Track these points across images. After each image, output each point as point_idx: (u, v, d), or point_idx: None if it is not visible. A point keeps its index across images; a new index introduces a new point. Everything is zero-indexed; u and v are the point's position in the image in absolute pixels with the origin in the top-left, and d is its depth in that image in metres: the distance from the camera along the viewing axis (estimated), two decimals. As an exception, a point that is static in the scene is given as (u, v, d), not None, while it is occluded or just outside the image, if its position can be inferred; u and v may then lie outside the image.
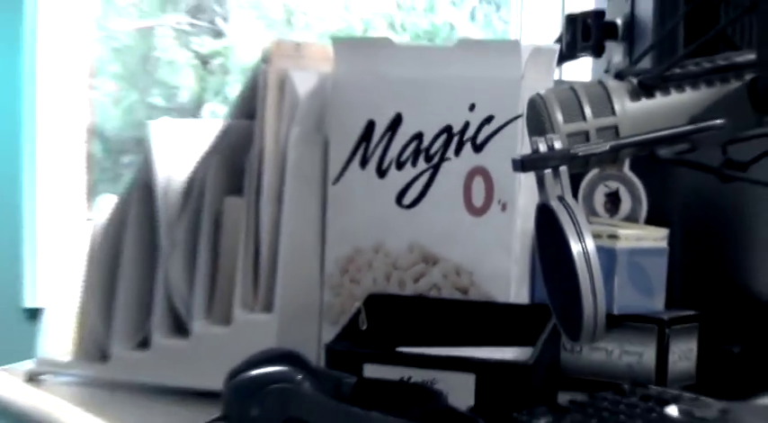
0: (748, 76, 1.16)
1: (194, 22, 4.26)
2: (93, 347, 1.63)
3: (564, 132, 1.15)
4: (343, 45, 1.55)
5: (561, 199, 1.14)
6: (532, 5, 4.23)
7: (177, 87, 4.23)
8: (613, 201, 1.35)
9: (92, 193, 3.53)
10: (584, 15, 1.73)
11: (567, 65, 1.83)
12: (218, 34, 4.29)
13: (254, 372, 1.27)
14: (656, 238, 1.42)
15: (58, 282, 1.62)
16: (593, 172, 1.37)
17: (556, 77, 1.70)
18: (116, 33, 4.08)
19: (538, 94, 1.18)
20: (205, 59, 4.26)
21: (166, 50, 4.23)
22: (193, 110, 4.10)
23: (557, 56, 1.56)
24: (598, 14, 1.73)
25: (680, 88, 1.17)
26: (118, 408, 1.50)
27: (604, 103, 1.16)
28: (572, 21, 1.73)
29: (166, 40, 4.23)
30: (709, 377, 1.41)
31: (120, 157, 3.83)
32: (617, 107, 1.16)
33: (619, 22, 1.68)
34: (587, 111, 1.16)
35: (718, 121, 1.15)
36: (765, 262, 1.49)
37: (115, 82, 4.16)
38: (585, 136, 1.16)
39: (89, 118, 3.69)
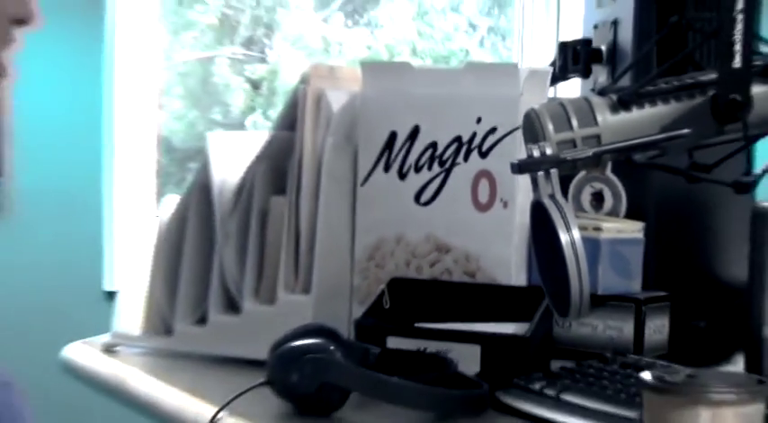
0: (710, 93, 1.16)
1: (247, 52, 4.26)
2: (159, 323, 1.65)
3: (554, 140, 1.16)
4: (370, 68, 1.56)
5: (552, 197, 1.15)
6: (531, 35, 4.23)
7: (231, 106, 4.23)
8: (598, 199, 1.35)
9: (159, 193, 3.53)
10: (575, 43, 1.73)
11: (561, 85, 1.83)
12: (265, 61, 4.29)
13: (294, 343, 1.29)
14: (634, 230, 1.42)
15: (130, 268, 1.62)
16: (581, 174, 1.38)
17: (551, 95, 1.71)
18: (181, 62, 4.08)
19: (532, 109, 1.20)
20: (255, 83, 4.26)
21: (223, 76, 4.23)
22: (244, 125, 4.10)
23: (550, 77, 1.57)
24: (586, 42, 1.73)
25: (653, 103, 1.18)
26: (179, 374, 1.51)
27: (588, 115, 1.17)
28: (564, 47, 1.73)
29: (223, 67, 4.23)
30: (679, 348, 1.42)
31: (184, 164, 3.83)
32: (599, 119, 1.17)
33: (603, 48, 1.68)
34: (574, 122, 1.17)
35: (685, 131, 1.16)
36: (726, 250, 1.49)
37: (180, 101, 4.15)
38: (573, 143, 1.17)
39: (158, 131, 3.69)
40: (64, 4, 3.46)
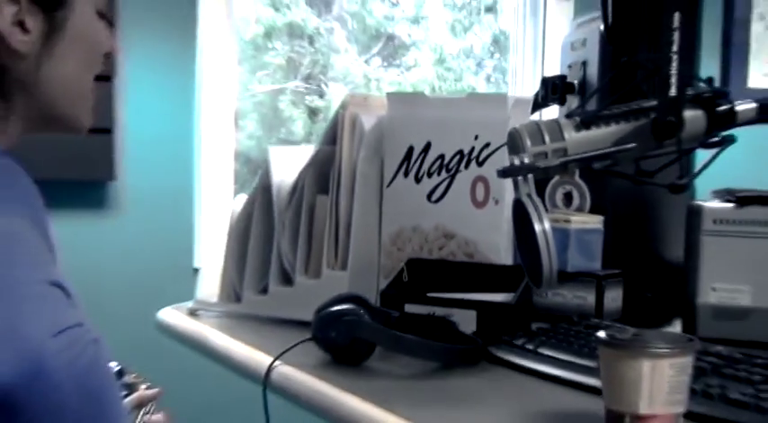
0: (652, 116, 1.17)
1: (307, 86, 4.26)
2: (231, 293, 1.67)
3: (531, 152, 1.17)
4: (393, 97, 1.56)
5: (529, 195, 1.16)
6: (522, 72, 4.22)
7: (293, 129, 4.24)
8: (568, 198, 1.35)
9: (235, 194, 3.54)
10: (554, 78, 1.73)
11: (544, 111, 1.83)
12: (321, 94, 4.30)
13: (333, 308, 1.30)
14: (596, 222, 1.42)
15: (212, 251, 1.63)
16: (555, 179, 1.38)
17: (537, 118, 1.71)
18: (256, 93, 4.09)
19: (514, 128, 1.21)
20: (312, 111, 4.26)
21: (288, 105, 4.24)
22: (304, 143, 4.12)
23: (531, 104, 1.58)
24: (562, 78, 1.73)
25: (607, 123, 1.18)
26: (245, 332, 1.52)
27: (558, 133, 1.18)
28: (545, 82, 1.73)
29: (288, 98, 4.24)
30: (630, 313, 1.42)
31: (255, 172, 3.83)
32: (566, 136, 1.17)
33: (575, 82, 1.68)
34: (546, 138, 1.18)
35: (632, 145, 1.16)
36: (667, 237, 1.48)
37: (254, 124, 4.16)
38: (545, 155, 1.17)
39: (235, 146, 3.69)
40: (168, 51, 3.48)
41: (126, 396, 1.52)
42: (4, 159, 1.00)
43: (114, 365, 1.54)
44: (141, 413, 1.49)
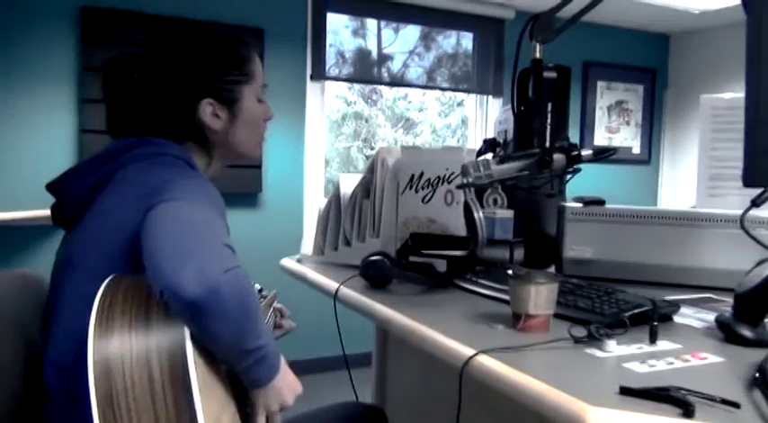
0: (537, 157, 1.15)
1: (364, 144, 4.28)
2: (318, 250, 1.65)
3: (473, 176, 1.15)
4: (405, 148, 1.54)
5: (472, 199, 1.14)
6: (475, 135, 4.20)
7: (358, 167, 4.24)
8: (495, 201, 1.33)
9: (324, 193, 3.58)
10: (489, 140, 1.70)
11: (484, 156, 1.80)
12: (372, 148, 4.29)
13: (370, 258, 1.28)
14: (509, 214, 1.40)
15: (310, 226, 1.62)
16: (488, 190, 1.35)
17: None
18: (338, 147, 4.14)
19: (464, 163, 1.19)
20: (367, 158, 4.27)
21: (354, 154, 4.25)
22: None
23: (476, 152, 1.55)
24: (494, 139, 1.70)
25: (514, 160, 1.16)
26: (325, 270, 1.49)
27: (487, 166, 1.16)
28: (485, 141, 1.70)
29: (354, 150, 4.25)
30: (528, 261, 1.39)
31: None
32: (492, 167, 1.16)
33: (501, 141, 1.66)
34: (481, 168, 1.16)
35: (526, 172, 1.14)
36: (548, 222, 1.45)
37: (336, 164, 4.18)
38: (480, 178, 1.16)
39: (324, 175, 3.71)
40: (289, 125, 3.48)
41: (261, 299, 1.51)
42: (208, 182, 1.01)
43: (257, 286, 1.54)
44: (272, 307, 1.49)
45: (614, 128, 4.57)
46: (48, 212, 1.07)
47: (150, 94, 1.06)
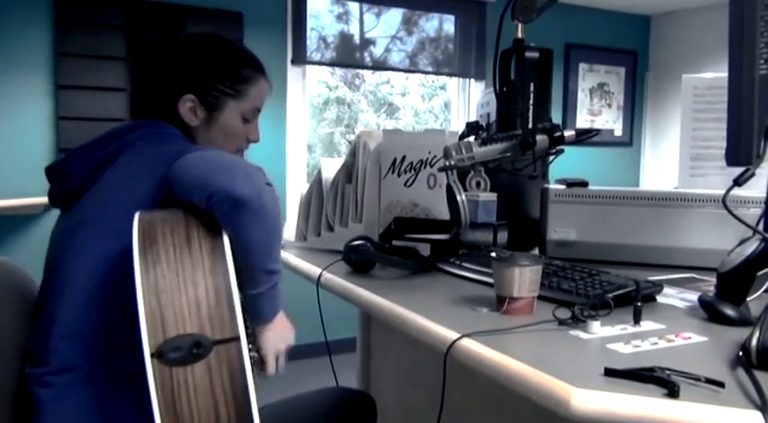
0: (519, 138, 1.14)
1: (347, 130, 4.24)
2: (301, 235, 1.63)
3: (455, 159, 1.14)
4: (386, 131, 1.52)
5: (454, 182, 1.13)
6: (458, 118, 4.19)
7: (341, 152, 4.21)
8: (478, 184, 1.32)
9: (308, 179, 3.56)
10: (472, 123, 1.66)
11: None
12: (353, 134, 4.27)
13: (353, 243, 1.27)
14: (492, 196, 1.39)
15: (292, 211, 1.59)
16: (471, 173, 1.34)
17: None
18: (321, 133, 4.10)
19: (446, 145, 1.17)
20: (349, 142, 4.23)
21: (338, 140, 4.22)
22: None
23: (459, 135, 1.53)
24: (477, 122, 1.66)
25: (496, 142, 1.15)
26: (307, 256, 1.48)
27: (470, 148, 1.15)
28: (468, 124, 1.66)
29: (337, 135, 4.22)
30: (511, 245, 1.39)
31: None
32: (474, 149, 1.15)
33: (484, 124, 1.64)
34: (463, 151, 1.14)
35: (509, 154, 1.13)
36: (532, 204, 1.45)
37: (319, 150, 4.14)
38: (462, 160, 1.15)
39: (306, 161, 3.68)
40: (272, 112, 3.45)
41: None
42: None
43: None
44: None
45: (596, 110, 4.58)
46: (24, 202, 1.07)
47: (149, 78, 1.11)
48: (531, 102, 1.09)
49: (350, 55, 3.88)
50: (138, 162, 1.01)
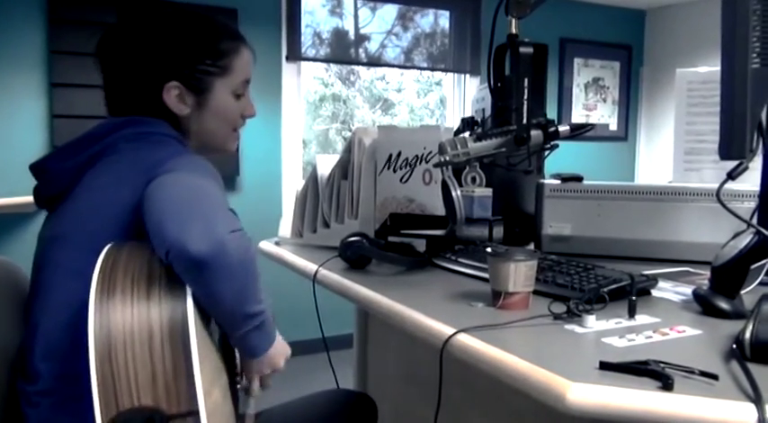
0: (514, 133, 1.14)
1: (342, 126, 4.23)
2: (296, 232, 1.62)
3: (450, 154, 1.13)
4: (381, 127, 1.51)
5: (449, 177, 1.13)
6: (453, 113, 4.18)
7: (336, 148, 4.20)
8: (473, 179, 1.32)
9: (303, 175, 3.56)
10: (467, 118, 1.68)
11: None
12: (350, 130, 4.26)
13: (349, 239, 1.27)
14: (488, 192, 1.39)
15: (288, 208, 1.59)
16: (466, 169, 1.34)
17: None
18: (317, 129, 4.10)
19: (441, 141, 1.17)
20: (345, 139, 4.22)
21: (333, 136, 4.21)
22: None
23: (454, 130, 1.53)
24: (472, 118, 1.68)
25: (490, 138, 1.15)
26: (304, 252, 1.47)
27: (464, 144, 1.14)
28: (463, 120, 1.68)
29: (333, 132, 4.21)
30: (508, 239, 1.39)
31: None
32: (469, 145, 1.14)
33: (479, 120, 1.65)
34: (458, 146, 1.14)
35: (503, 149, 1.13)
36: (527, 199, 1.45)
37: (315, 146, 4.14)
38: (458, 156, 1.14)
39: (302, 157, 3.67)
40: (266, 108, 3.44)
41: None
42: (203, 159, 1.01)
43: None
44: None
45: (591, 105, 4.58)
46: (18, 200, 1.04)
47: (125, 70, 1.04)
48: (525, 97, 1.09)
49: (345, 51, 3.88)
50: (118, 169, 0.96)
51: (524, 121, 1.11)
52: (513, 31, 1.15)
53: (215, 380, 0.85)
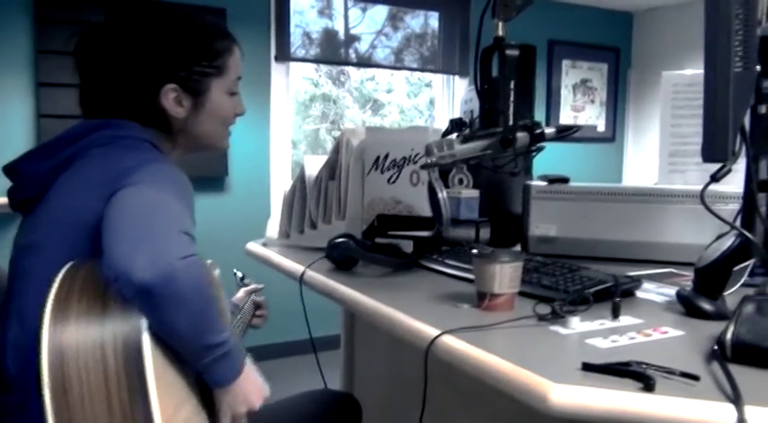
0: (500, 135, 1.14)
1: (332, 126, 4.23)
2: (284, 233, 1.61)
3: (436, 156, 1.14)
4: (369, 128, 1.52)
5: (436, 179, 1.13)
6: (443, 114, 4.19)
7: (326, 148, 4.19)
8: (461, 181, 1.32)
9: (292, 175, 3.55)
10: (456, 119, 1.66)
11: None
12: (339, 130, 4.25)
13: (336, 240, 1.27)
14: (475, 193, 1.39)
15: (276, 209, 1.58)
16: (453, 170, 1.35)
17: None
18: (306, 129, 4.09)
19: (428, 143, 1.17)
20: (335, 138, 4.22)
21: (323, 136, 4.20)
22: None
23: (442, 132, 1.52)
24: (460, 119, 1.67)
25: (477, 139, 1.15)
26: (292, 254, 1.46)
27: (451, 145, 1.15)
28: (452, 121, 1.66)
29: (323, 132, 4.20)
30: (494, 241, 1.40)
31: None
32: (455, 147, 1.14)
33: (467, 120, 1.64)
34: (444, 148, 1.14)
35: (489, 151, 1.13)
36: (514, 200, 1.45)
37: (304, 146, 4.13)
38: (444, 157, 1.15)
39: (290, 157, 3.67)
40: (255, 108, 3.42)
41: (244, 285, 1.49)
42: (174, 168, 0.98)
43: (239, 273, 1.52)
44: (252, 296, 1.46)
45: (579, 106, 4.60)
46: (4, 200, 1.03)
47: (114, 73, 1.03)
48: (511, 99, 1.09)
49: (335, 51, 3.87)
50: (87, 176, 0.94)
51: (510, 123, 1.11)
52: (500, 33, 1.15)
53: (185, 398, 0.84)
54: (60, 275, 0.81)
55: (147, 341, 0.78)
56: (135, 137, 1.00)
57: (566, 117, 4.52)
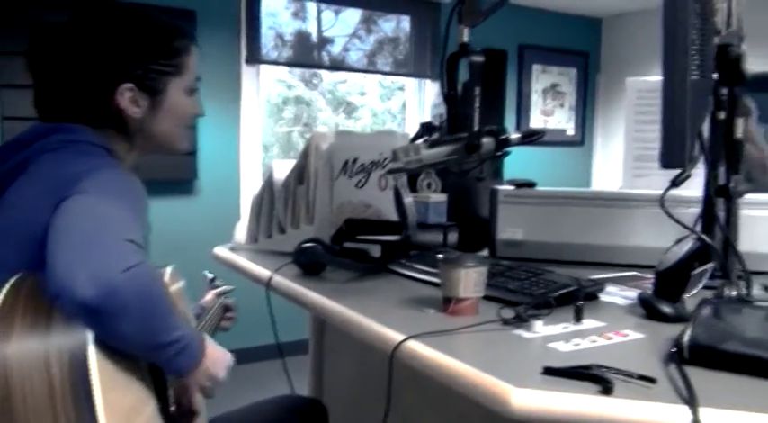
0: (465, 141, 1.15)
1: (305, 129, 4.21)
2: (252, 237, 1.60)
3: (403, 161, 1.14)
4: (338, 132, 1.51)
5: (402, 184, 1.14)
6: (414, 118, 4.21)
7: (297, 151, 4.17)
8: (429, 185, 1.33)
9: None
10: (426, 123, 1.67)
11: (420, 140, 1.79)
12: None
13: (304, 245, 1.26)
14: (443, 198, 1.40)
15: (245, 213, 1.57)
16: (422, 175, 1.36)
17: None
18: (278, 132, 4.07)
19: (395, 148, 1.17)
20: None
21: (295, 139, 4.18)
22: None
23: (410, 137, 1.51)
24: (430, 123, 1.67)
25: (443, 145, 1.15)
26: (259, 259, 1.45)
27: (418, 150, 1.15)
28: (422, 125, 1.67)
29: (295, 135, 4.19)
30: (462, 246, 1.40)
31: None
32: (421, 152, 1.15)
33: (437, 124, 1.65)
34: (411, 153, 1.15)
35: (455, 157, 1.14)
36: (481, 204, 1.46)
37: (277, 150, 4.11)
38: (410, 162, 1.15)
39: (261, 161, 3.65)
40: (223, 110, 3.40)
41: (214, 287, 1.47)
42: (125, 174, 0.96)
43: (209, 274, 1.50)
44: (222, 298, 1.45)
45: (549, 110, 4.66)
46: None
47: (68, 73, 1.00)
48: (477, 105, 1.10)
49: (307, 54, 3.86)
50: (38, 182, 0.92)
51: (476, 128, 1.12)
52: (465, 40, 1.16)
53: (140, 408, 0.83)
54: (4, 290, 0.80)
55: (92, 354, 0.77)
56: (87, 141, 0.98)
57: (536, 121, 4.57)
